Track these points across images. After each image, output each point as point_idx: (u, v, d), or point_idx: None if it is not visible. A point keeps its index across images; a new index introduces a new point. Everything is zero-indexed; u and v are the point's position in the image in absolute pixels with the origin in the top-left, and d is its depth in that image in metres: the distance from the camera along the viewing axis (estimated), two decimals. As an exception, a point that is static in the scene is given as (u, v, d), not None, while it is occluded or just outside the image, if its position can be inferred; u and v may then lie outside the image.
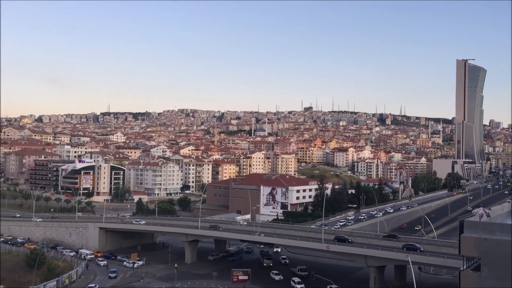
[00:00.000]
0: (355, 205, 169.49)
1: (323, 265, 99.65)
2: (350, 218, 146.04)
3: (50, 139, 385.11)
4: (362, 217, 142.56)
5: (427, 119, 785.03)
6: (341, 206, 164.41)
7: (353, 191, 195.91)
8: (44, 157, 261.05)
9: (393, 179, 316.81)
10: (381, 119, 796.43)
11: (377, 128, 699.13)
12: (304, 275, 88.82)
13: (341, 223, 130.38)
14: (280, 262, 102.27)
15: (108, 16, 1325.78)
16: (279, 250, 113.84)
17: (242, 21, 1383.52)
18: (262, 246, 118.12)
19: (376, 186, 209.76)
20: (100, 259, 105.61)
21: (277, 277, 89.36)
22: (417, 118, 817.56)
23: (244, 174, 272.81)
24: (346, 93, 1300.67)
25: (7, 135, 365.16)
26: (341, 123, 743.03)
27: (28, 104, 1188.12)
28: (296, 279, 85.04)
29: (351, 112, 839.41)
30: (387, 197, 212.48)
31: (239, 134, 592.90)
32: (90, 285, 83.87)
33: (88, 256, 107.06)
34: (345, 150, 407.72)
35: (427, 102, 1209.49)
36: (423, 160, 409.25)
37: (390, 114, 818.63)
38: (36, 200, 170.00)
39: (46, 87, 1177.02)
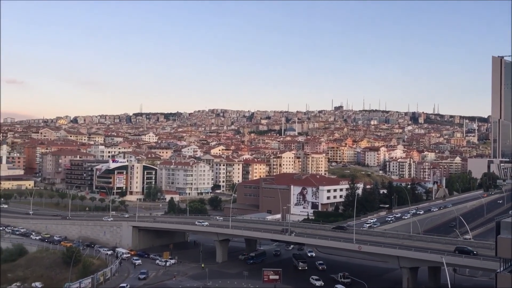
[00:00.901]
0: (387, 205, 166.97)
1: (354, 266, 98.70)
2: (371, 221, 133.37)
3: (85, 139, 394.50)
4: (389, 219, 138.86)
5: (461, 117, 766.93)
6: (373, 206, 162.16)
7: (385, 191, 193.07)
8: (79, 157, 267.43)
9: (426, 179, 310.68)
10: (414, 117, 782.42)
11: (410, 127, 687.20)
12: (347, 282, 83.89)
13: (367, 225, 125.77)
14: (316, 268, 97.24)
15: (141, 19, 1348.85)
16: (313, 254, 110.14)
17: (272, 22, 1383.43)
18: (291, 247, 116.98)
19: (409, 186, 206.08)
20: (135, 258, 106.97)
21: (317, 283, 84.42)
22: (451, 116, 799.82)
23: (274, 173, 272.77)
24: (377, 92, 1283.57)
25: (44, 136, 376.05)
26: (372, 122, 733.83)
27: (64, 106, 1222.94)
28: (340, 287, 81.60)
29: (383, 111, 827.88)
30: (420, 197, 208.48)
31: (269, 134, 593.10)
32: (122, 285, 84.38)
33: (124, 255, 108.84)
34: (376, 149, 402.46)
35: (461, 100, 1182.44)
36: (458, 159, 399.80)
37: (423, 112, 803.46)
38: (71, 199, 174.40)
39: (81, 89, 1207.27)
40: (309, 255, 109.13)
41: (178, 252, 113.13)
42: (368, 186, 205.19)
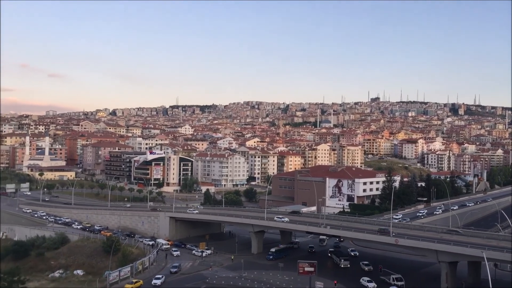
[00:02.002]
0: (425, 199, 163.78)
1: (391, 260, 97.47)
2: (397, 217, 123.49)
3: (123, 131, 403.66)
4: (420, 214, 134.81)
5: (504, 108, 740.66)
6: (410, 199, 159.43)
7: (423, 184, 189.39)
8: (118, 149, 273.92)
9: (467, 172, 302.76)
10: (454, 109, 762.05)
11: (449, 119, 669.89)
12: (401, 285, 78.49)
13: (396, 218, 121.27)
14: (361, 268, 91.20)
15: (176, 13, 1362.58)
16: (357, 254, 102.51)
17: (307, 14, 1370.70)
18: (325, 243, 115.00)
19: (448, 179, 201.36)
20: (174, 249, 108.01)
21: (370, 285, 78.78)
22: (492, 107, 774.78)
23: (310, 166, 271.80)
24: (416, 83, 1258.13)
25: (84, 128, 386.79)
26: (410, 114, 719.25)
27: (103, 99, 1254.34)
28: None
29: (421, 103, 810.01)
30: (460, 190, 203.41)
31: (304, 126, 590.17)
32: (157, 276, 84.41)
33: (164, 246, 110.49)
34: (414, 141, 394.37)
35: (504, 91, 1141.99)
36: (500, 152, 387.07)
37: (463, 103, 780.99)
38: (111, 190, 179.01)
39: (119, 82, 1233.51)
40: (352, 254, 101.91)
41: (214, 243, 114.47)
42: (405, 179, 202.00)
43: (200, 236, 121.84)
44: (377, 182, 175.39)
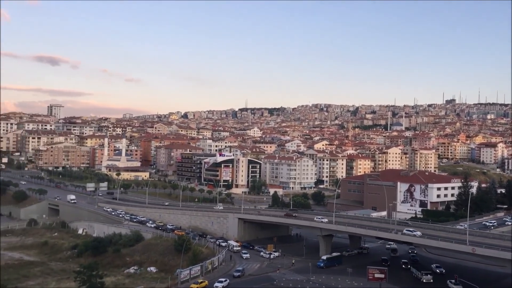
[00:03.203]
0: (505, 206, 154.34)
1: (467, 269, 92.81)
2: (461, 226, 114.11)
3: (194, 134, 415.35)
4: (490, 224, 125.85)
5: None
6: (489, 206, 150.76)
7: (503, 191, 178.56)
8: (189, 151, 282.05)
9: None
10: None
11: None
12: None
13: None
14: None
15: (246, 15, 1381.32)
16: (443, 271, 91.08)
17: (378, 15, 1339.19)
18: (397, 254, 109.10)
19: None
20: (243, 251, 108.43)
21: None
22: None
23: (380, 169, 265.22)
24: (495, 83, 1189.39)
25: (158, 130, 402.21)
26: (488, 116, 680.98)
27: (175, 102, 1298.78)
28: None
29: (501, 104, 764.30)
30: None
31: (374, 129, 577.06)
32: (220, 279, 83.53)
33: (235, 248, 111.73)
34: (493, 145, 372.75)
35: None
36: None
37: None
38: (182, 190, 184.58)
39: (191, 86, 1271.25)
40: (437, 271, 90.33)
41: (282, 245, 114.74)
42: (483, 185, 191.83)
43: (268, 238, 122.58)
44: (452, 188, 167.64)
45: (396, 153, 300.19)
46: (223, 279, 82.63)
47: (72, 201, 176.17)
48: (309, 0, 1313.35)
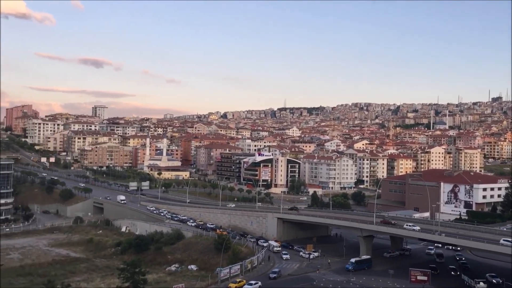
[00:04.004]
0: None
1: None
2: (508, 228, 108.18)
3: (233, 133, 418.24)
4: None
5: None
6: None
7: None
8: (229, 151, 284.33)
9: None
10: None
11: None
12: None
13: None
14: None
15: (284, 15, 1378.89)
16: (500, 281, 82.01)
17: (418, 12, 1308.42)
18: (441, 256, 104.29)
19: None
20: (284, 252, 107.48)
21: None
22: None
23: (422, 169, 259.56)
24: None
25: (198, 130, 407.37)
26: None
27: (215, 102, 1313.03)
28: None
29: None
30: None
31: (416, 128, 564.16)
32: (251, 281, 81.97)
33: (275, 249, 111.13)
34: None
35: None
36: None
37: None
38: (222, 190, 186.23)
39: (230, 86, 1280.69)
40: (493, 281, 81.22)
41: (321, 245, 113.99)
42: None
43: (307, 238, 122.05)
44: (499, 189, 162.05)
45: (439, 153, 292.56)
46: (254, 282, 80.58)
47: (122, 202, 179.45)
48: (347, 0, 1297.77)
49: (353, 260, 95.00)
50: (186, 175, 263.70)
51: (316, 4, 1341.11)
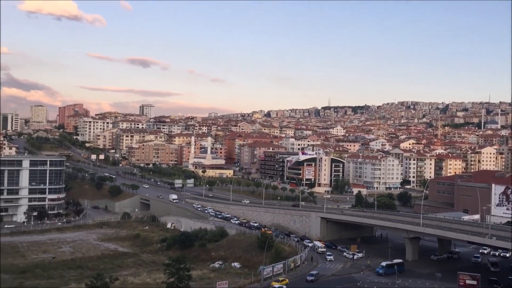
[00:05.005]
0: None
1: None
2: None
3: (277, 132, 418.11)
4: None
5: None
6: None
7: None
8: (272, 149, 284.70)
9: None
10: None
11: None
12: None
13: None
14: None
15: (326, 14, 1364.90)
16: None
17: (468, 9, 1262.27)
18: (496, 265, 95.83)
19: None
20: (328, 253, 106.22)
21: None
22: None
23: (472, 170, 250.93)
24: None
25: (242, 129, 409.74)
26: None
27: (258, 101, 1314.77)
28: None
29: None
30: None
31: (465, 127, 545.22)
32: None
33: (320, 249, 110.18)
34: None
35: None
36: None
37: None
38: (265, 188, 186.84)
39: (274, 85, 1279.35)
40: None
41: (366, 246, 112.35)
42: None
43: (351, 238, 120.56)
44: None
45: (490, 153, 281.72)
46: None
47: (174, 200, 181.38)
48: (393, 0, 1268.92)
49: (383, 263, 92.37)
50: (229, 173, 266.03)
51: (360, 4, 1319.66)
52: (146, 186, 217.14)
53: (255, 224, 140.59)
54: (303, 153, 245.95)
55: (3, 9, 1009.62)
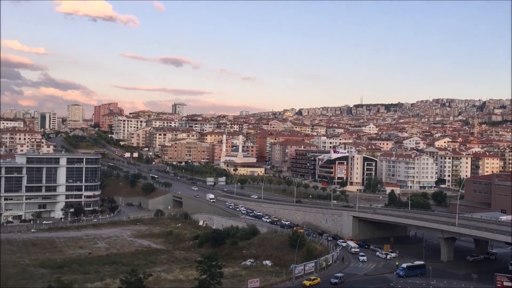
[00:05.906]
0: None
1: None
2: None
3: (308, 130, 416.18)
4: None
5: None
6: None
7: None
8: (303, 148, 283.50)
9: None
10: None
11: None
12: None
13: None
14: None
15: (359, 12, 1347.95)
16: None
17: (503, 9, 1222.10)
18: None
19: None
20: (361, 254, 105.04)
21: None
22: None
23: (510, 169, 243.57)
24: None
25: (273, 127, 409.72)
26: None
27: (290, 99, 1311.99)
28: None
29: None
30: None
31: (504, 125, 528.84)
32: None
33: (353, 250, 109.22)
34: None
35: None
36: None
37: None
38: (296, 186, 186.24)
39: (305, 83, 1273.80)
40: None
41: (399, 246, 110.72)
42: None
43: (384, 238, 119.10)
44: None
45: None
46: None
47: (212, 200, 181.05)
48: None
49: (404, 265, 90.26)
50: (261, 172, 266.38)
51: (392, 4, 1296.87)
52: (195, 188, 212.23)
53: (287, 223, 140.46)
54: (334, 152, 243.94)
55: (40, 10, 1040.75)
